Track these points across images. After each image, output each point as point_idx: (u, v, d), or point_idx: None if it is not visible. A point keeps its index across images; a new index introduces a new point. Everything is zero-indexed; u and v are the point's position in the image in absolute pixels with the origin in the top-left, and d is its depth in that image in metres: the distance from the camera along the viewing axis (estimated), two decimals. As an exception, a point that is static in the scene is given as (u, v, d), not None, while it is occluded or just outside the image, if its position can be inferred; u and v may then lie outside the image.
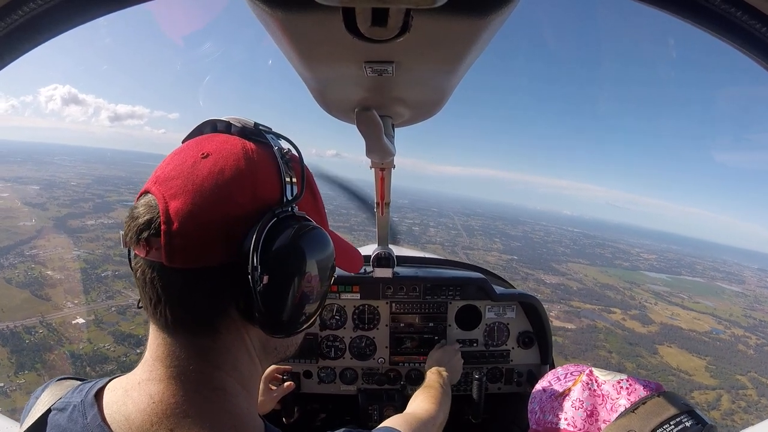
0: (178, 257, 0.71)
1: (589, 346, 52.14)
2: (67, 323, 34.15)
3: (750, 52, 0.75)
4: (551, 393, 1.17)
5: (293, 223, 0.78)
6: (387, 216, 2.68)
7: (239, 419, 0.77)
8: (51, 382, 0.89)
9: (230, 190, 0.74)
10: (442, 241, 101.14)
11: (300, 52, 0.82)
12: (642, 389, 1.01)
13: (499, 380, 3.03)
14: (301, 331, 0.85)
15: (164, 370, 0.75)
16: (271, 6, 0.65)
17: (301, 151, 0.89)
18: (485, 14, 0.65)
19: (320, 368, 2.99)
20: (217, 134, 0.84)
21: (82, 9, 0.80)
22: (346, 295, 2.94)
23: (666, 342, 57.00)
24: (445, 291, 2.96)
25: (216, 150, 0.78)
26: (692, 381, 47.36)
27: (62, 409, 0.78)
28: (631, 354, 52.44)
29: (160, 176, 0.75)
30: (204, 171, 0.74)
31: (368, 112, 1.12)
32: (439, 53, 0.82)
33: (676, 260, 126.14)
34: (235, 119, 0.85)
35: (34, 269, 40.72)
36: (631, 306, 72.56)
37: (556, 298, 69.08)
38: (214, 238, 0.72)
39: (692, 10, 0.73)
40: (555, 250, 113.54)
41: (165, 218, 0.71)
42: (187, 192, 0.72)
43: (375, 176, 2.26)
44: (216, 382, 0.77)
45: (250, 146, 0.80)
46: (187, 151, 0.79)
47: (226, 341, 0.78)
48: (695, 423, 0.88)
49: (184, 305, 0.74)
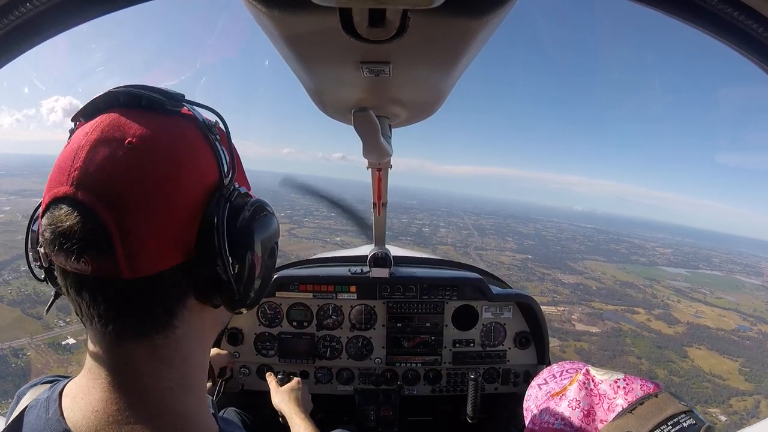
0: (137, 266, 0.64)
1: (616, 351, 49.59)
2: (56, 344, 32.50)
3: (746, 52, 0.77)
4: (547, 392, 1.15)
5: (244, 201, 0.75)
6: (384, 216, 2.69)
7: (187, 419, 0.75)
8: (38, 381, 0.89)
9: (176, 179, 0.67)
10: (454, 242, 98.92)
11: (297, 52, 0.82)
12: (639, 389, 1.00)
13: (495, 380, 3.04)
14: (259, 302, 0.84)
15: (109, 377, 0.71)
16: (267, 6, 0.64)
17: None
18: (482, 15, 0.65)
19: (317, 368, 3.02)
20: (128, 111, 0.69)
21: (78, 10, 0.80)
22: (343, 295, 2.95)
23: (695, 343, 54.28)
24: (442, 291, 2.95)
25: (142, 136, 0.66)
26: (728, 387, 44.48)
27: (33, 406, 0.78)
28: (661, 359, 49.79)
29: (82, 179, 0.63)
30: (140, 164, 0.64)
31: (365, 112, 1.13)
32: (436, 54, 0.82)
33: (692, 254, 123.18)
34: (140, 88, 0.71)
35: (27, 285, 39.02)
36: (654, 305, 69.78)
37: (576, 299, 66.33)
38: (171, 235, 0.67)
39: (689, 11, 0.74)
40: (570, 248, 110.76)
41: (114, 228, 0.62)
42: (129, 193, 0.63)
43: (372, 176, 2.28)
44: (164, 381, 0.73)
45: (176, 124, 0.71)
46: (105, 142, 0.65)
47: (179, 333, 0.73)
48: (693, 423, 0.87)
49: (143, 312, 0.69)
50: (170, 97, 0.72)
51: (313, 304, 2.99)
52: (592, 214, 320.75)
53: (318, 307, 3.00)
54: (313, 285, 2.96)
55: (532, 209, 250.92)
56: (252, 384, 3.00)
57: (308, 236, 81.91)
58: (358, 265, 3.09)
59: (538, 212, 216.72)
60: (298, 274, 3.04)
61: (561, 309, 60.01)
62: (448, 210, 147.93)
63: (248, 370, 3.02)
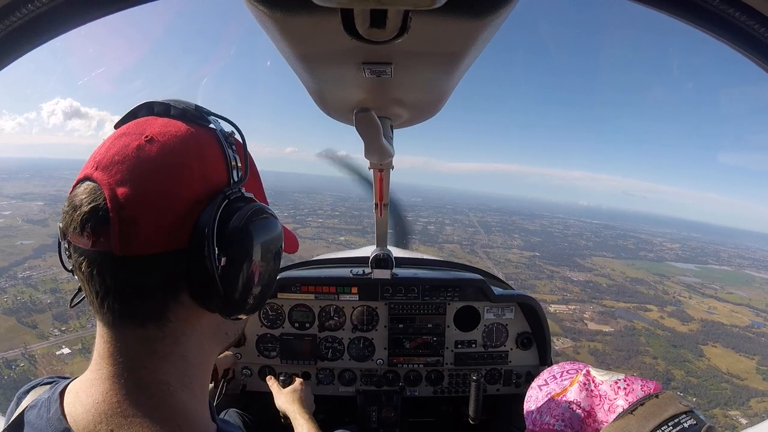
0: (130, 244, 0.68)
1: (631, 352, 48.33)
2: (51, 354, 31.50)
3: (747, 52, 0.77)
4: (547, 393, 1.16)
5: (244, 204, 0.78)
6: (386, 217, 2.68)
7: (183, 415, 0.76)
8: (38, 382, 0.91)
9: (180, 172, 0.73)
10: (460, 239, 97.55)
11: (298, 53, 0.82)
12: (640, 389, 1.01)
13: (497, 381, 3.05)
14: (256, 310, 0.86)
15: (110, 368, 0.74)
16: (269, 7, 0.65)
17: (245, 136, 0.87)
18: (483, 15, 0.65)
19: (319, 369, 3.02)
20: (157, 117, 0.80)
21: (79, 11, 0.81)
22: (344, 296, 2.95)
23: (710, 341, 52.94)
24: (444, 292, 2.95)
25: (160, 133, 0.75)
26: (746, 387, 43.06)
27: (34, 406, 0.79)
28: (677, 359, 48.37)
29: (101, 162, 0.71)
30: (150, 155, 0.72)
31: (367, 113, 1.13)
32: (438, 55, 0.82)
33: (699, 248, 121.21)
34: (174, 101, 0.82)
35: (24, 293, 38.44)
36: (666, 302, 68.35)
37: (587, 297, 64.81)
38: (166, 222, 0.71)
39: (691, 11, 0.74)
40: (577, 244, 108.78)
41: (113, 204, 0.68)
42: (135, 177, 0.70)
43: (373, 177, 2.28)
44: (161, 374, 0.76)
45: (194, 129, 0.79)
46: (129, 135, 0.74)
47: (175, 330, 0.76)
48: (694, 423, 0.87)
49: (134, 295, 0.72)
50: (195, 108, 0.81)
51: (314, 305, 2.98)
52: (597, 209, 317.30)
53: (320, 309, 2.99)
54: (314, 286, 2.94)
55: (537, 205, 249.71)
56: (254, 385, 2.98)
57: (312, 236, 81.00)
58: (360, 266, 3.05)
59: (543, 208, 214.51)
60: (300, 276, 3.04)
61: (572, 307, 58.82)
62: (453, 207, 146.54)
63: (250, 371, 3.01)
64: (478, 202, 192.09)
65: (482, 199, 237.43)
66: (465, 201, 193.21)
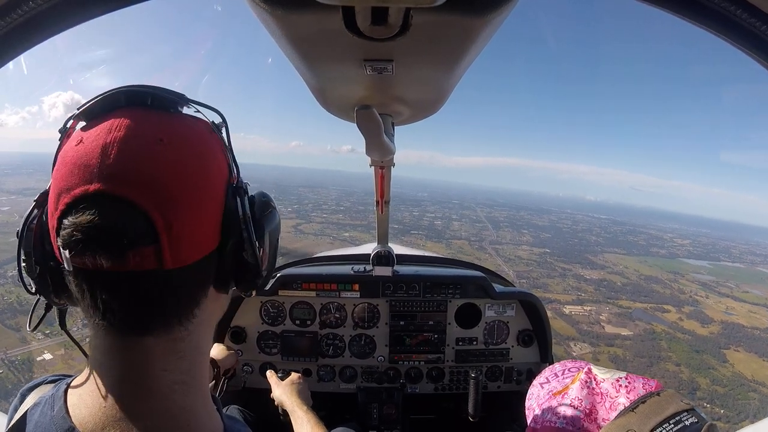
0: (179, 256, 0.67)
1: (653, 358, 45.85)
2: (32, 360, 29.42)
3: (749, 51, 0.77)
4: (549, 390, 1.16)
5: (255, 193, 0.83)
6: (387, 214, 2.68)
7: (193, 415, 0.77)
8: (41, 380, 0.91)
9: (206, 172, 0.72)
10: (468, 235, 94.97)
11: (300, 50, 0.82)
12: (641, 387, 1.01)
13: (498, 378, 3.05)
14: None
15: (120, 372, 0.73)
16: (270, 5, 0.64)
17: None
18: (485, 13, 0.65)
19: (320, 366, 3.02)
20: (143, 110, 0.71)
21: (79, 9, 0.81)
22: (345, 293, 2.95)
23: (732, 345, 50.54)
24: (445, 289, 2.95)
25: (169, 132, 0.70)
26: (775, 395, 40.66)
27: (38, 404, 0.79)
28: (701, 366, 45.79)
29: (114, 172, 0.64)
30: (170, 158, 0.67)
31: (368, 110, 1.12)
32: (439, 52, 0.82)
33: (710, 245, 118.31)
34: (146, 87, 0.73)
35: (12, 293, 36.32)
36: (683, 301, 65.82)
37: (602, 297, 62.40)
38: (205, 224, 0.71)
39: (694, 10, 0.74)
40: (587, 240, 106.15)
41: (160, 219, 0.64)
42: (166, 185, 0.66)
43: (375, 174, 2.27)
44: (178, 374, 0.75)
45: (195, 123, 0.77)
46: (134, 137, 0.67)
47: (196, 322, 0.76)
48: (696, 421, 0.87)
49: (175, 303, 0.72)
50: (179, 97, 0.75)
51: (316, 302, 2.99)
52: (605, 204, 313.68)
53: (321, 306, 2.99)
54: (316, 283, 2.95)
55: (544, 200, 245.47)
56: (254, 382, 2.97)
57: (316, 232, 79.29)
58: (361, 263, 3.05)
59: (550, 203, 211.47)
60: (301, 273, 3.04)
61: (588, 309, 56.44)
62: (460, 202, 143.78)
63: (251, 368, 3.00)
64: (485, 197, 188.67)
65: (489, 194, 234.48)
66: (471, 195, 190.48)
